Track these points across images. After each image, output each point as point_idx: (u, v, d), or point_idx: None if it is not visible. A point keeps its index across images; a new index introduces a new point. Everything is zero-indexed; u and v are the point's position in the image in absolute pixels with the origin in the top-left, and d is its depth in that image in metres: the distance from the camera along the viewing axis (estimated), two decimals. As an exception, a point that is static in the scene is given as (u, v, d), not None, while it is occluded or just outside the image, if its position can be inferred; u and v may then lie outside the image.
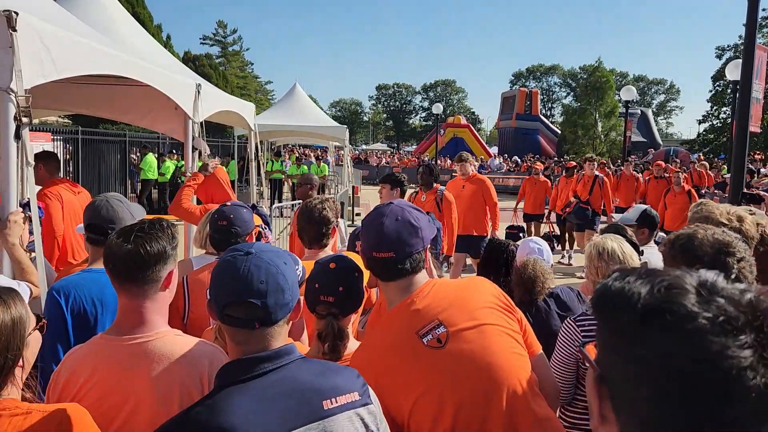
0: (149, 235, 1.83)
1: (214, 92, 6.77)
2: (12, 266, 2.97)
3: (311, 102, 18.53)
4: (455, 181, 8.12)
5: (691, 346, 0.69)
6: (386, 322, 1.93)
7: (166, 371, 1.76)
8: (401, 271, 1.89)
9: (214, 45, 68.40)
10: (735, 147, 7.10)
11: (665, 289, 0.74)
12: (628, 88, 20.91)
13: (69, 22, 3.84)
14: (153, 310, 1.84)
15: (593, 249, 2.87)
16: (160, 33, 31.73)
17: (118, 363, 1.77)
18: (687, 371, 0.69)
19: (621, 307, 0.75)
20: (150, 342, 1.79)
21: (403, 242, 1.88)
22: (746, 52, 6.89)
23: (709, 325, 0.70)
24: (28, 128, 2.88)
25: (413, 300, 1.88)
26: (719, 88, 42.94)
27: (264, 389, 1.41)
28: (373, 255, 1.90)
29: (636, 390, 0.73)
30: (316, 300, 2.00)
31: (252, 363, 1.44)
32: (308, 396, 1.42)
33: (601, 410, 0.79)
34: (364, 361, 1.83)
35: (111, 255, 1.82)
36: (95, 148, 14.40)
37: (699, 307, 0.71)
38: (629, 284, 0.77)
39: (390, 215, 1.91)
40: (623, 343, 0.75)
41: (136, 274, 1.80)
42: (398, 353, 1.81)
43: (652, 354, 0.72)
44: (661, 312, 0.72)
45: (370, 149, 58.27)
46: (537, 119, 48.16)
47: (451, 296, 1.91)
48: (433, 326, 1.82)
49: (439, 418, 1.77)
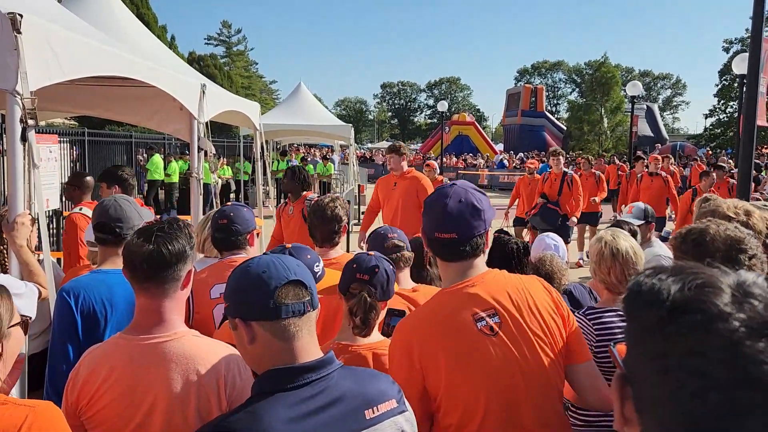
0: (169, 235, 1.84)
1: (219, 92, 6.77)
2: (20, 268, 2.98)
3: (316, 101, 18.53)
4: (386, 178, 7.09)
5: (719, 347, 0.66)
6: (443, 298, 1.93)
7: (183, 372, 1.77)
8: (462, 253, 1.91)
9: (218, 45, 68.62)
10: (742, 141, 7.04)
11: (697, 287, 0.71)
12: (634, 84, 20.80)
13: (74, 24, 3.84)
14: (171, 310, 1.85)
15: (606, 249, 2.79)
16: (164, 34, 31.81)
17: (137, 362, 1.77)
18: (713, 373, 0.66)
19: (650, 304, 0.73)
20: (169, 342, 1.80)
21: (466, 224, 1.89)
22: (753, 46, 6.84)
23: (742, 327, 0.66)
24: (35, 130, 2.89)
25: (474, 283, 1.90)
26: (726, 83, 42.70)
27: (306, 400, 1.39)
28: (435, 236, 1.92)
29: (657, 389, 0.70)
30: (353, 278, 2.10)
31: (296, 372, 1.42)
32: (351, 406, 1.42)
33: (623, 411, 0.77)
34: (413, 327, 1.87)
35: (131, 255, 1.83)
36: (102, 150, 14.44)
37: (732, 308, 0.68)
38: (660, 281, 0.74)
39: (453, 196, 1.92)
40: (647, 340, 0.73)
41: (157, 274, 1.82)
42: (450, 329, 1.83)
43: (677, 352, 0.69)
44: (689, 310, 0.69)
45: (376, 148, 58.21)
46: (542, 116, 48.02)
47: (510, 289, 1.92)
48: (489, 313, 1.85)
49: (474, 403, 1.80)
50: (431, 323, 1.86)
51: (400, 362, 1.85)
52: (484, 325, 1.83)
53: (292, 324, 1.44)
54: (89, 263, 3.28)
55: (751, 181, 7.26)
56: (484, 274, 1.95)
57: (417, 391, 1.81)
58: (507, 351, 1.83)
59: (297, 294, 1.46)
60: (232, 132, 26.77)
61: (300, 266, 1.51)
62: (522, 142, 44.22)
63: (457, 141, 43.11)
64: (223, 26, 69.35)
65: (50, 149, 10.55)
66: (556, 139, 47.10)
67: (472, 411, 1.80)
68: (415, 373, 1.81)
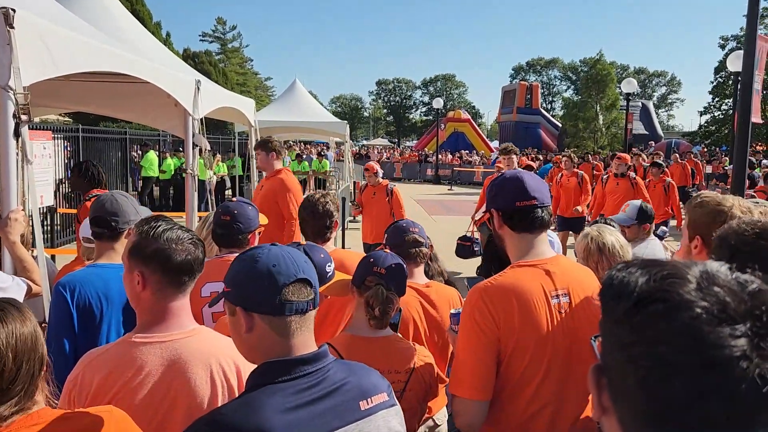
0: (195, 243, 1.89)
1: (214, 89, 6.76)
2: (13, 263, 2.97)
3: (311, 98, 18.48)
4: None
5: (680, 334, 0.68)
6: (521, 271, 2.04)
7: (206, 366, 1.79)
8: (540, 221, 2.07)
9: (213, 42, 68.42)
10: (737, 138, 7.07)
11: (662, 278, 0.73)
12: (629, 81, 20.83)
13: (68, 20, 3.83)
14: (185, 309, 1.89)
15: (592, 244, 2.83)
16: (159, 30, 31.70)
17: (158, 361, 1.77)
18: (674, 359, 0.68)
19: (619, 295, 0.76)
20: (186, 339, 1.82)
21: (543, 192, 2.09)
22: (748, 43, 6.86)
23: (704, 314, 0.68)
24: (28, 126, 2.88)
25: (550, 263, 2.05)
26: (721, 80, 42.79)
27: (302, 391, 1.40)
28: (516, 205, 2.05)
29: (626, 377, 0.73)
30: (369, 271, 2.16)
31: (291, 364, 1.42)
32: (347, 397, 1.44)
33: (600, 401, 0.80)
34: (493, 287, 1.97)
35: (166, 260, 1.82)
36: (96, 146, 14.39)
37: (695, 296, 0.70)
38: (630, 274, 0.77)
39: (523, 173, 2.13)
40: (617, 331, 0.75)
41: (188, 280, 1.86)
42: (527, 296, 1.95)
43: (641, 341, 0.71)
44: (653, 300, 0.72)
45: (371, 144, 58.20)
46: (538, 113, 48.07)
47: (578, 277, 2.10)
48: (562, 293, 2.01)
49: (538, 362, 1.95)
50: (512, 288, 1.97)
51: (481, 310, 1.94)
52: (557, 303, 1.99)
53: (294, 321, 1.45)
54: (83, 259, 3.27)
55: (745, 178, 7.29)
56: (558, 257, 2.12)
57: (491, 340, 1.93)
58: (571, 327, 2.00)
59: (303, 292, 1.46)
60: (227, 129, 26.71)
61: (307, 263, 1.52)
62: (517, 139, 44.20)
63: (452, 138, 43.11)
64: (218, 23, 69.17)
65: (44, 146, 10.49)
66: (552, 136, 47.18)
67: (536, 368, 1.95)
68: (491, 324, 1.93)
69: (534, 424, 1.98)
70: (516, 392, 1.97)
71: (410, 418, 2.13)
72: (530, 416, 1.97)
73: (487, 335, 1.92)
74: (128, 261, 1.86)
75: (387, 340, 2.19)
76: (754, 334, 0.66)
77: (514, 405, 1.97)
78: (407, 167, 33.02)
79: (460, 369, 1.97)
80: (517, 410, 1.97)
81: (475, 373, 1.94)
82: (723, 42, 45.63)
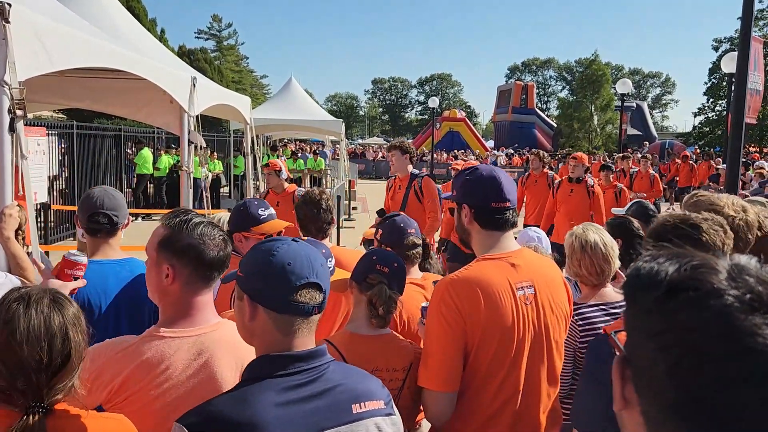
0: (225, 240, 1.89)
1: (210, 86, 6.75)
2: (7, 260, 2.95)
3: (307, 96, 18.47)
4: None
5: (714, 322, 0.68)
6: (487, 264, 2.06)
7: (235, 357, 1.80)
8: (510, 221, 2.11)
9: (209, 39, 68.17)
10: (730, 139, 7.11)
11: (693, 268, 0.73)
12: (623, 81, 20.92)
13: (63, 15, 3.81)
14: (210, 304, 1.89)
15: (575, 241, 2.86)
16: (154, 27, 31.58)
17: (185, 355, 1.76)
18: (707, 347, 0.68)
19: (648, 285, 0.75)
20: (213, 333, 1.83)
21: (513, 193, 2.12)
22: (742, 45, 6.90)
23: (736, 302, 0.68)
24: (23, 121, 2.87)
25: (515, 256, 2.08)
26: (715, 81, 42.95)
27: (296, 387, 1.39)
28: (492, 206, 2.08)
29: (654, 366, 0.72)
30: (372, 269, 2.16)
31: (288, 360, 1.42)
32: (339, 398, 1.43)
33: (623, 393, 0.79)
34: (459, 280, 1.98)
35: (199, 255, 1.80)
36: (90, 143, 14.33)
37: (726, 285, 0.70)
38: (658, 264, 0.76)
39: (497, 171, 2.15)
40: (645, 319, 0.75)
41: (217, 276, 1.87)
42: (492, 288, 1.97)
43: (673, 329, 0.71)
44: (685, 287, 0.71)
45: (367, 143, 58.19)
46: (533, 113, 48.17)
47: (542, 269, 2.13)
48: (526, 285, 2.04)
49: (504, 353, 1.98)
50: (477, 280, 1.98)
51: (447, 303, 1.96)
52: (522, 294, 2.01)
53: (297, 321, 1.45)
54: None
55: (739, 179, 7.32)
56: (522, 250, 2.15)
57: (458, 332, 1.94)
58: (536, 318, 2.04)
59: (312, 296, 1.45)
60: (223, 126, 26.63)
61: (323, 267, 1.50)
62: (512, 138, 44.31)
63: (447, 137, 43.15)
64: (214, 20, 68.91)
65: (38, 142, 10.43)
66: (547, 136, 47.29)
67: (502, 360, 1.98)
68: (457, 317, 1.94)
69: (501, 416, 2.01)
70: (483, 384, 1.99)
71: (406, 417, 2.14)
72: (498, 408, 2.00)
73: (453, 328, 1.94)
74: (157, 254, 1.82)
75: (386, 338, 2.19)
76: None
77: (482, 397, 2.00)
78: (402, 166, 32.97)
79: (428, 362, 2.00)
80: (485, 402, 2.00)
81: (442, 365, 1.96)
82: (716, 44, 45.82)
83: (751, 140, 33.59)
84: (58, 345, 1.46)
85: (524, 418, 2.04)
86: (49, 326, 1.47)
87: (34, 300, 1.49)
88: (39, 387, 1.43)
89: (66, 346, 1.47)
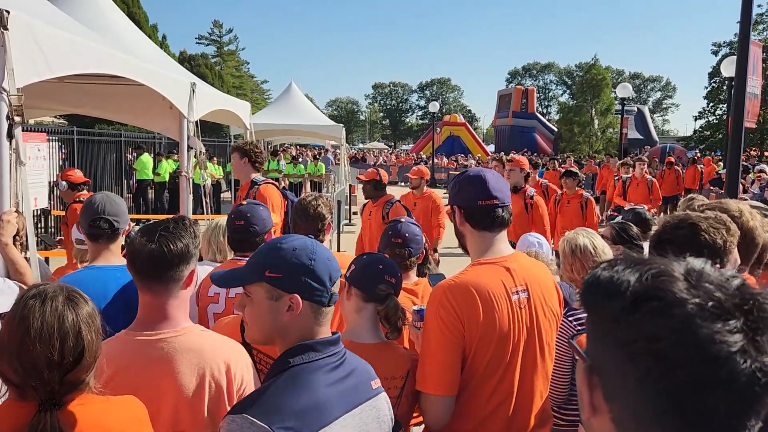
0: (173, 234, 1.85)
1: (210, 91, 6.76)
2: (6, 266, 2.96)
3: (307, 101, 18.47)
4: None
5: (678, 330, 0.70)
6: (482, 268, 2.08)
7: (193, 365, 1.78)
8: (500, 219, 2.11)
9: (209, 45, 68.28)
10: (730, 143, 7.11)
11: (653, 277, 0.75)
12: (624, 86, 20.94)
13: (63, 21, 3.82)
14: (176, 307, 1.86)
15: (566, 245, 2.88)
16: (155, 33, 31.63)
17: (146, 359, 1.77)
18: (674, 355, 0.70)
19: (610, 294, 0.76)
20: (177, 338, 1.81)
21: (504, 191, 2.14)
22: (741, 49, 6.91)
23: (698, 309, 0.70)
24: (22, 128, 2.88)
25: (509, 260, 2.11)
26: (715, 85, 42.94)
27: (334, 369, 1.51)
28: (478, 204, 2.10)
29: (625, 376, 0.74)
30: (381, 279, 2.16)
31: (323, 344, 1.52)
32: (362, 378, 1.58)
33: (592, 400, 0.80)
34: (456, 285, 2.00)
35: (135, 254, 1.83)
36: (91, 149, 14.37)
37: (687, 293, 0.72)
38: (618, 273, 0.77)
39: (486, 171, 2.18)
40: (612, 329, 0.76)
41: (159, 273, 1.83)
42: (491, 294, 1.99)
43: (640, 338, 0.72)
44: (649, 298, 0.73)
45: (367, 148, 58.22)
46: (533, 117, 48.23)
47: (535, 273, 2.16)
48: (521, 289, 2.07)
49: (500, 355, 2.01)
50: (474, 285, 2.00)
51: (446, 308, 1.97)
52: (517, 299, 2.04)
53: (329, 311, 1.57)
54: (75, 262, 3.26)
55: (739, 183, 7.32)
56: (516, 253, 2.18)
57: (457, 336, 1.96)
58: (529, 321, 2.07)
59: (337, 287, 1.59)
60: (223, 132, 26.66)
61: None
62: (513, 143, 44.34)
63: (448, 142, 43.20)
64: (215, 26, 69.07)
65: (38, 147, 10.42)
66: (547, 140, 47.32)
67: (497, 363, 2.01)
68: (455, 321, 1.97)
69: (495, 417, 2.04)
70: (479, 386, 2.02)
71: (405, 424, 2.13)
72: (492, 409, 2.03)
73: (452, 332, 1.96)
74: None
75: (385, 346, 2.18)
76: (749, 329, 0.69)
77: (477, 399, 2.03)
78: (403, 171, 33.03)
79: (426, 366, 2.01)
80: (480, 404, 2.03)
81: (441, 369, 1.98)
82: (716, 48, 45.81)
83: (752, 144, 33.57)
84: (71, 343, 1.48)
85: (517, 419, 2.07)
86: (62, 324, 1.48)
87: (49, 297, 1.51)
88: (51, 384, 1.45)
89: (79, 344, 1.49)
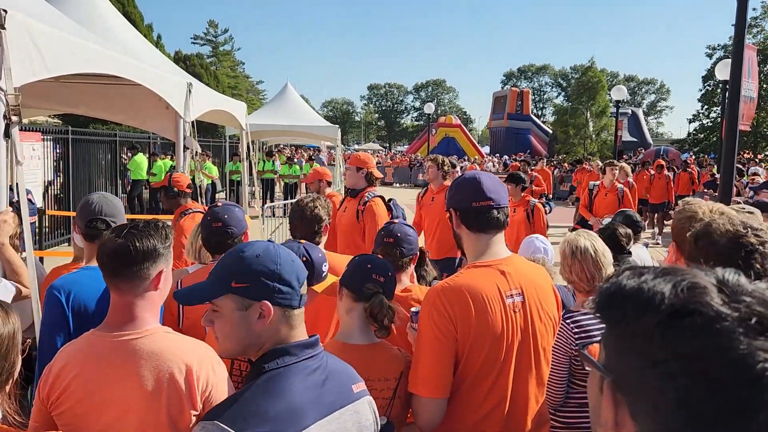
0: (141, 233, 1.84)
1: (206, 91, 6.75)
2: (2, 266, 2.95)
3: (303, 102, 18.49)
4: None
5: (720, 347, 0.65)
6: (477, 272, 2.08)
7: (154, 368, 1.74)
8: (495, 221, 2.11)
9: (205, 45, 68.11)
10: (725, 146, 7.14)
11: (689, 288, 0.69)
12: (619, 88, 20.98)
13: (59, 21, 3.82)
14: (142, 308, 1.82)
15: (566, 247, 2.86)
16: (150, 33, 31.56)
17: (106, 360, 1.75)
18: (716, 375, 0.65)
19: (642, 307, 0.71)
20: (139, 339, 1.78)
21: (500, 193, 2.13)
22: (735, 52, 6.94)
23: (741, 326, 0.66)
24: (18, 127, 2.87)
25: (504, 264, 2.09)
26: (709, 88, 43.14)
27: (312, 372, 1.48)
28: (473, 205, 2.10)
29: (662, 395, 0.69)
30: (368, 278, 2.15)
31: (299, 347, 1.50)
32: (342, 381, 1.55)
33: (616, 418, 0.75)
34: (449, 288, 2.00)
35: (102, 249, 1.83)
36: (85, 149, 14.31)
37: (727, 308, 0.67)
38: (647, 283, 0.72)
39: (482, 174, 2.18)
40: (643, 346, 0.70)
41: (123, 270, 1.80)
42: (485, 298, 1.99)
43: (679, 357, 0.68)
44: (689, 312, 0.68)
45: (362, 149, 58.22)
46: (528, 119, 48.28)
47: (531, 276, 2.14)
48: (516, 292, 2.06)
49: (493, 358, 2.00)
50: (468, 288, 2.00)
51: (439, 311, 1.98)
52: (511, 302, 2.03)
53: (300, 313, 1.54)
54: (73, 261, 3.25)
55: (733, 186, 7.36)
56: (512, 257, 2.16)
57: (450, 339, 1.96)
58: (524, 325, 2.06)
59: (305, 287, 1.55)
60: (218, 132, 26.63)
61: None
62: (508, 145, 44.41)
63: (443, 143, 43.18)
64: (210, 26, 68.91)
65: (33, 147, 10.36)
66: (542, 142, 47.39)
67: (490, 366, 2.00)
68: (448, 324, 1.97)
69: (489, 421, 2.04)
70: (472, 389, 2.02)
71: (398, 426, 2.13)
72: (485, 413, 2.03)
73: (445, 335, 1.96)
74: None
75: (378, 347, 2.18)
76: None
77: (471, 401, 2.03)
78: (398, 172, 33.04)
79: (419, 368, 2.01)
80: (474, 406, 2.03)
81: (433, 371, 1.98)
82: (710, 51, 46.02)
83: (746, 147, 33.73)
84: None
85: (512, 423, 2.06)
86: None
87: None
88: None
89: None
